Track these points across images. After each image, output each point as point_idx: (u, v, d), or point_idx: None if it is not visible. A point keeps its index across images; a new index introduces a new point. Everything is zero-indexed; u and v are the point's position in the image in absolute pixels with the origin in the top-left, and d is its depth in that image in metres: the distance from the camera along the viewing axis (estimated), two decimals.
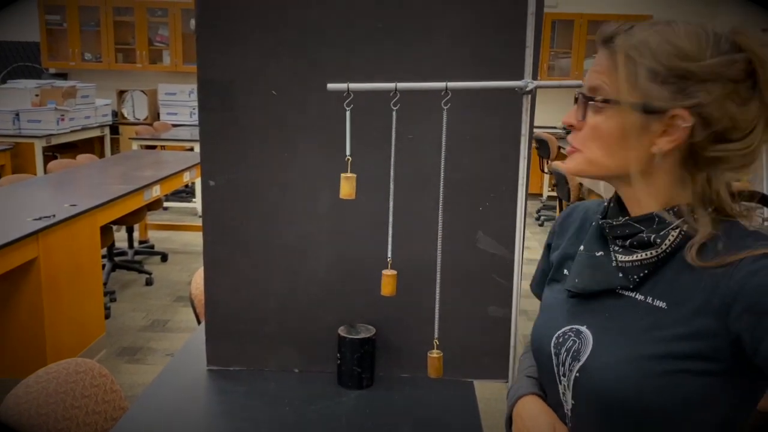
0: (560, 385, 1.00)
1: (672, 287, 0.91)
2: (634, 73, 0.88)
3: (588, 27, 8.26)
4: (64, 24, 8.35)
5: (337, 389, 1.71)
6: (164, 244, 5.89)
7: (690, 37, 0.88)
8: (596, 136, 0.93)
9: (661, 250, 0.92)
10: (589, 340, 0.96)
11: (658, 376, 0.88)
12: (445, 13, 1.63)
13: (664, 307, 0.91)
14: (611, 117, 0.91)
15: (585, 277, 1.00)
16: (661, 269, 0.93)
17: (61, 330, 3.33)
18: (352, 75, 1.60)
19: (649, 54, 0.88)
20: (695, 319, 0.87)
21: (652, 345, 0.89)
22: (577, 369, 0.96)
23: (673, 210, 0.93)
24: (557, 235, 1.16)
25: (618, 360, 0.91)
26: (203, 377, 1.78)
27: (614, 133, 0.91)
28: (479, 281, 1.75)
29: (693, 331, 0.87)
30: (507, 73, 1.59)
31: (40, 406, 1.44)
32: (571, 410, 0.99)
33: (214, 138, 1.72)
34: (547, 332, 1.04)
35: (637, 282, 0.94)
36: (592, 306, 0.99)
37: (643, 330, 0.91)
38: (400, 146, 1.66)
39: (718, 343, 0.85)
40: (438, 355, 1.39)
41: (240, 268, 1.78)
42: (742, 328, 0.83)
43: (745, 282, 0.83)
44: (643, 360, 0.89)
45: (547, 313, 1.09)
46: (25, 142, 6.46)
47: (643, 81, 0.88)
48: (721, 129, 0.87)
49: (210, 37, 1.67)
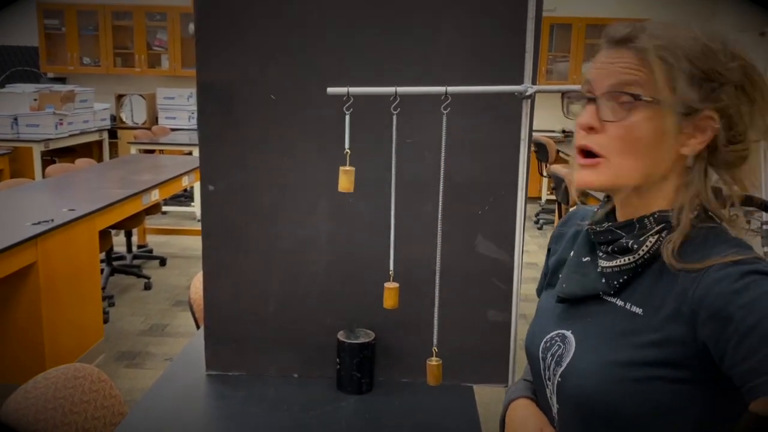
0: (547, 389, 1.01)
1: (649, 293, 0.91)
2: (671, 75, 0.87)
3: (586, 30, 8.27)
4: (62, 28, 8.36)
5: (337, 394, 1.71)
6: (163, 248, 5.88)
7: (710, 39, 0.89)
8: (629, 138, 0.89)
9: (638, 256, 0.92)
10: (572, 345, 0.96)
11: (632, 383, 0.88)
12: (444, 18, 1.63)
13: (641, 313, 0.91)
14: (646, 118, 0.88)
15: (572, 282, 1.01)
16: (640, 275, 0.93)
17: (59, 335, 3.32)
18: (352, 79, 1.60)
19: (683, 55, 0.87)
20: (667, 326, 0.87)
21: (627, 351, 0.89)
22: (560, 374, 0.96)
23: (653, 216, 0.92)
24: (555, 240, 1.17)
25: (594, 366, 0.92)
26: (202, 382, 1.78)
27: (649, 136, 0.89)
28: (479, 285, 1.75)
29: (665, 337, 0.87)
30: (506, 77, 1.59)
31: (38, 411, 1.44)
32: (557, 414, 1.00)
33: (213, 142, 1.71)
34: (538, 336, 1.05)
35: (617, 288, 0.94)
36: (578, 311, 1.00)
37: (619, 335, 0.91)
38: (400, 150, 1.66)
39: (687, 351, 0.85)
40: (437, 363, 1.38)
41: (239, 272, 1.77)
42: (707, 335, 0.83)
43: (710, 289, 0.83)
44: (617, 366, 0.89)
45: (539, 317, 1.10)
46: (23, 146, 6.46)
47: (681, 83, 0.87)
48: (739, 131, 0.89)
49: (209, 42, 1.67)
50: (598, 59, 0.94)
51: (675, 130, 0.88)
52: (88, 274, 3.62)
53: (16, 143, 6.45)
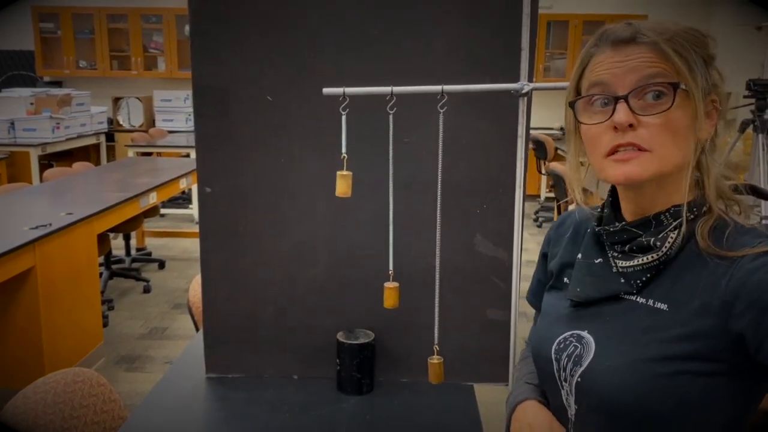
0: (563, 390, 1.00)
1: (673, 289, 0.91)
2: (689, 62, 0.88)
3: (583, 27, 8.27)
4: (58, 32, 8.35)
5: (337, 395, 1.71)
6: (161, 251, 5.88)
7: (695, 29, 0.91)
8: (670, 128, 0.89)
9: (662, 253, 0.92)
10: (591, 345, 0.96)
11: (661, 378, 0.87)
12: (440, 17, 1.63)
13: (666, 309, 0.90)
14: (680, 106, 0.88)
15: (586, 285, 1.00)
16: (662, 272, 0.93)
17: (58, 339, 3.31)
18: (348, 79, 1.60)
19: (687, 43, 0.89)
20: (695, 320, 0.87)
21: (654, 347, 0.89)
22: (579, 374, 0.95)
23: (668, 212, 0.93)
24: (553, 244, 1.16)
25: (620, 364, 0.91)
26: (202, 385, 1.77)
27: (685, 123, 0.89)
28: (478, 284, 1.75)
29: (693, 331, 0.86)
30: (503, 75, 1.59)
31: (38, 416, 1.43)
32: (575, 415, 0.99)
33: (210, 144, 1.71)
34: (548, 338, 1.03)
35: (640, 286, 0.94)
36: (592, 311, 0.99)
37: (644, 333, 0.91)
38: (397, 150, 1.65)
39: (718, 344, 0.85)
40: (438, 361, 1.38)
41: (238, 274, 1.77)
42: (744, 326, 0.82)
43: (746, 280, 0.83)
44: (644, 363, 0.89)
45: (547, 319, 1.08)
46: (20, 150, 6.44)
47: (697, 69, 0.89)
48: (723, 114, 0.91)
49: (204, 44, 1.66)
50: (604, 61, 0.92)
51: (702, 115, 0.90)
52: (86, 277, 3.61)
53: (13, 148, 6.44)
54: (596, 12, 8.20)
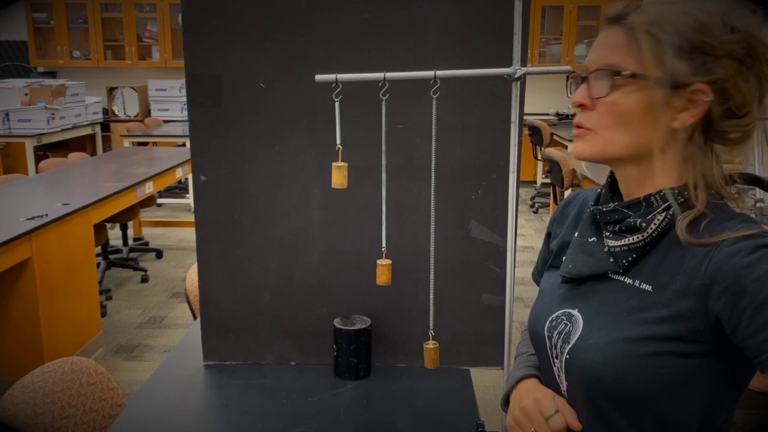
0: (554, 367, 1.02)
1: (658, 270, 0.92)
2: (658, 49, 0.89)
3: (578, 13, 8.24)
4: (51, 22, 8.30)
5: (334, 381, 1.72)
6: (159, 240, 5.88)
7: (707, 14, 0.89)
8: (616, 113, 0.92)
9: (647, 234, 0.93)
10: (580, 323, 0.98)
11: (641, 358, 0.89)
12: (432, 2, 1.62)
13: (650, 290, 0.92)
14: (632, 93, 0.91)
15: (578, 262, 1.02)
16: (648, 253, 0.94)
17: (57, 329, 3.32)
18: (341, 66, 1.60)
19: (673, 29, 0.88)
20: (677, 301, 0.88)
21: (636, 327, 0.91)
22: (567, 351, 0.98)
23: (659, 194, 0.94)
24: (557, 224, 1.18)
25: (603, 342, 0.93)
26: (200, 372, 1.78)
27: (637, 110, 0.91)
28: (473, 269, 1.75)
29: (675, 313, 0.88)
30: (497, 60, 1.59)
31: (36, 405, 1.44)
32: (567, 391, 1.01)
33: (204, 133, 1.71)
34: (542, 316, 1.06)
35: (626, 266, 0.95)
36: (584, 290, 1.01)
37: (628, 312, 0.93)
38: (391, 136, 1.66)
39: (698, 325, 0.86)
40: (434, 346, 1.39)
41: (234, 262, 1.78)
42: (720, 309, 0.84)
43: (724, 263, 0.84)
44: (626, 342, 0.91)
45: (543, 297, 1.11)
46: (15, 141, 6.43)
47: (669, 56, 0.88)
48: (734, 105, 0.89)
49: (197, 32, 1.66)
50: (597, 39, 0.96)
51: (662, 104, 0.90)
52: (84, 268, 3.62)
53: (8, 138, 6.43)
54: None
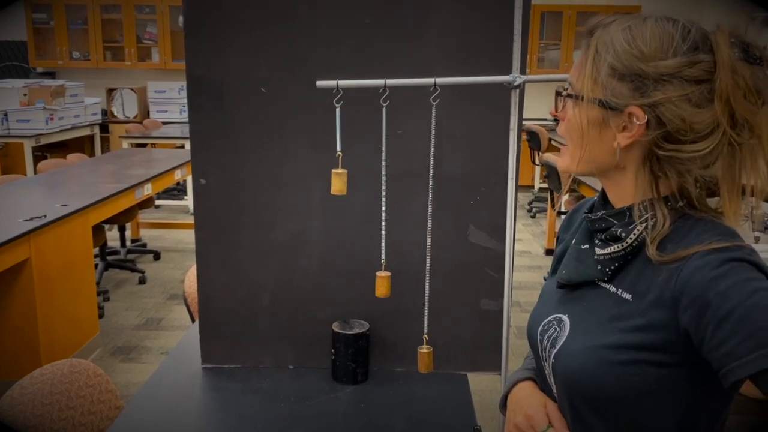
0: (545, 370, 1.05)
1: (638, 280, 0.94)
2: (597, 69, 0.92)
3: (577, 18, 8.27)
4: (51, 22, 8.30)
5: (332, 385, 1.72)
6: (156, 242, 5.88)
7: (654, 37, 0.89)
8: (569, 129, 0.98)
9: (627, 244, 0.95)
10: (567, 328, 1.00)
11: (616, 365, 0.91)
12: (432, 8, 1.63)
13: (630, 298, 0.93)
14: (578, 111, 0.95)
15: (570, 268, 1.04)
16: (630, 262, 0.96)
17: (54, 330, 3.32)
18: (340, 71, 1.61)
19: (613, 51, 0.91)
20: (651, 311, 0.89)
21: (615, 335, 0.92)
22: (553, 355, 1.00)
23: (642, 205, 0.95)
24: (564, 229, 1.20)
25: (583, 347, 0.95)
26: (198, 375, 1.79)
27: (581, 127, 0.95)
28: (471, 274, 1.76)
29: (649, 322, 0.89)
30: (496, 67, 1.60)
31: (35, 407, 1.44)
32: (557, 394, 1.03)
33: (204, 136, 1.72)
34: (537, 320, 1.08)
35: (610, 274, 0.97)
36: (575, 296, 1.03)
37: (609, 320, 0.95)
38: (390, 141, 1.67)
39: (670, 335, 0.88)
40: (428, 351, 1.40)
41: (233, 265, 1.78)
42: (687, 321, 0.85)
43: (692, 276, 0.85)
44: (604, 349, 0.92)
45: (541, 301, 1.13)
46: (14, 142, 6.43)
47: (605, 77, 0.91)
48: (674, 129, 0.89)
49: (198, 35, 1.67)
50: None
51: (599, 123, 0.93)
52: (82, 269, 3.62)
53: (6, 139, 6.42)
54: (590, 3, 8.20)
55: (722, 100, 0.87)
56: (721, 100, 0.87)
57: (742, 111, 0.87)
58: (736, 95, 0.86)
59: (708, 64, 0.88)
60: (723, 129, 0.87)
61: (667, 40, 0.89)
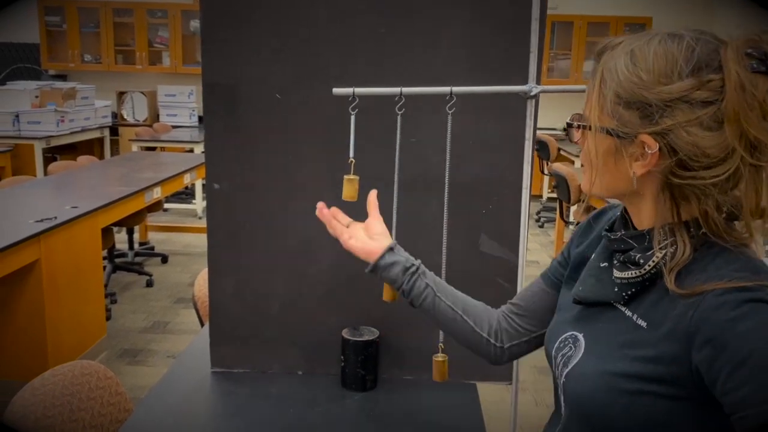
0: (558, 388, 1.03)
1: (654, 308, 0.91)
2: (604, 97, 0.90)
3: (587, 28, 8.27)
4: (63, 25, 8.35)
5: (341, 391, 1.72)
6: (164, 245, 5.89)
7: (657, 60, 0.86)
8: (585, 156, 0.96)
9: (645, 271, 0.91)
10: (581, 349, 0.98)
11: (626, 394, 0.89)
12: (448, 18, 1.64)
13: (645, 326, 0.91)
14: (591, 140, 0.93)
15: (587, 286, 1.01)
16: (648, 289, 0.93)
17: (62, 332, 3.33)
18: (355, 79, 1.61)
19: (617, 79, 0.88)
20: (663, 343, 0.87)
21: (626, 363, 0.90)
22: (565, 374, 0.98)
23: (663, 230, 0.91)
24: (582, 232, 1.15)
25: (592, 372, 0.93)
26: (207, 379, 1.79)
27: (596, 156, 0.93)
28: (482, 284, 1.75)
29: (660, 354, 0.87)
30: (509, 75, 1.60)
31: (46, 408, 1.45)
32: (564, 411, 1.01)
33: (219, 141, 1.72)
34: (555, 334, 1.06)
35: (627, 299, 0.94)
36: (593, 314, 1.00)
37: (621, 346, 0.92)
38: (404, 149, 1.67)
39: (680, 370, 0.85)
40: (443, 359, 1.39)
41: (244, 270, 1.78)
42: (700, 359, 0.82)
43: (709, 315, 0.82)
44: (612, 376, 0.90)
45: (559, 314, 1.10)
46: (25, 143, 6.46)
47: (611, 105, 0.89)
48: (687, 156, 0.85)
49: (214, 41, 1.68)
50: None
51: (613, 152, 0.91)
52: (90, 271, 3.63)
53: (17, 140, 6.45)
54: (601, 13, 8.20)
55: (732, 122, 0.82)
56: (731, 122, 0.82)
57: (756, 132, 0.82)
58: (747, 115, 0.81)
59: (716, 83, 0.83)
60: (739, 153, 0.83)
61: (670, 62, 0.85)
